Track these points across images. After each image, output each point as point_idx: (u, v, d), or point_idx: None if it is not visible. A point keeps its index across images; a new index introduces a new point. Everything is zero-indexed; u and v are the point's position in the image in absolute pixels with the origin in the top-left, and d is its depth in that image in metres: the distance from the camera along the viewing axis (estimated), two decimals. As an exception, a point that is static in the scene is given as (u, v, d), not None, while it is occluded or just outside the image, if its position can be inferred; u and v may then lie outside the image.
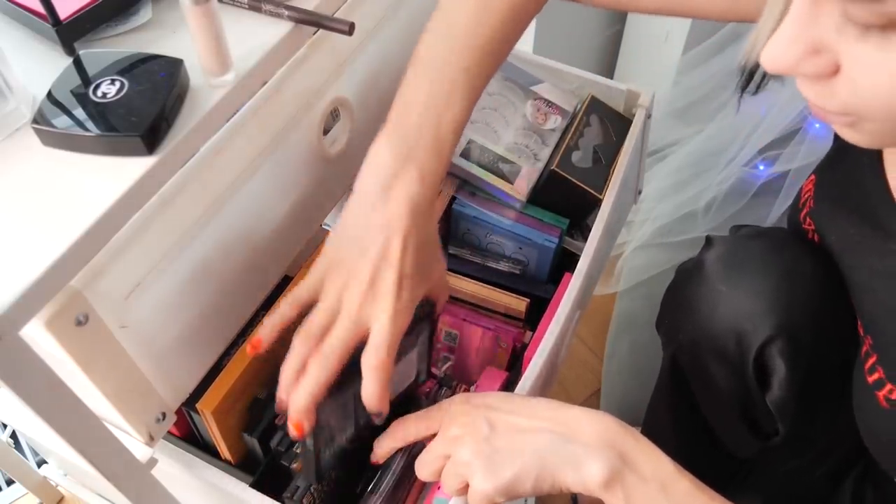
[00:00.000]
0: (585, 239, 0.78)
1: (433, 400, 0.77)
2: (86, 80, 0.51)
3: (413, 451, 0.72)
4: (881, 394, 0.61)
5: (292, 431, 0.55)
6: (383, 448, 0.62)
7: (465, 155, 0.86)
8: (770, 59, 0.40)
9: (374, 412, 0.55)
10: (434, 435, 0.59)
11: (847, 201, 0.66)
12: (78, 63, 0.52)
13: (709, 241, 0.75)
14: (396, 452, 0.67)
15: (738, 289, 0.68)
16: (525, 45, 1.34)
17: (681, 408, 0.83)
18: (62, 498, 1.10)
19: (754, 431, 0.76)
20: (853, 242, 0.65)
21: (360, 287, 0.54)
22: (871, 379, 0.62)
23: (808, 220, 0.72)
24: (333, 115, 0.71)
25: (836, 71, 0.39)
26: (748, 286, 0.68)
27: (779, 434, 0.73)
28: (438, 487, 0.70)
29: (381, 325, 0.54)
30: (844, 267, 0.67)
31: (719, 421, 0.80)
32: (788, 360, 0.66)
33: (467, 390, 0.78)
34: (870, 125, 0.42)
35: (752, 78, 0.62)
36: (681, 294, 0.76)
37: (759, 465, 0.89)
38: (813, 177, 0.72)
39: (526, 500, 1.05)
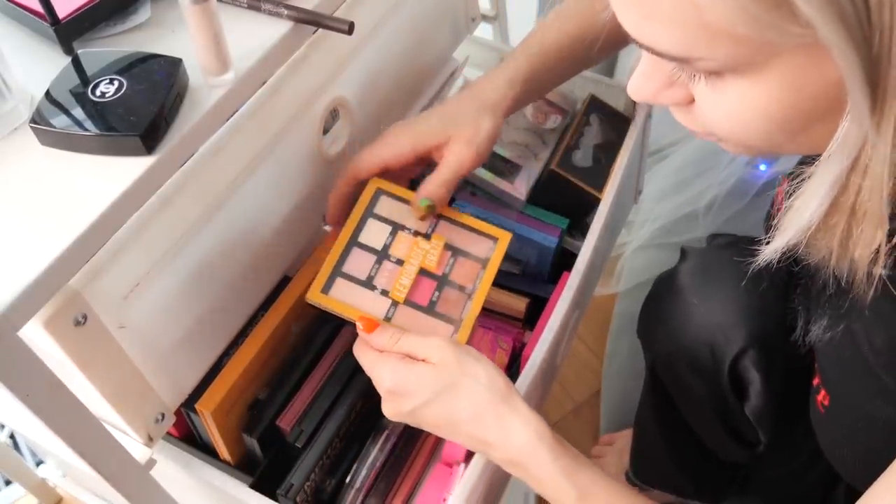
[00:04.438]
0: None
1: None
2: (84, 80, 0.51)
3: (397, 446, 0.73)
4: (819, 398, 0.61)
5: None
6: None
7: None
8: (632, 91, 0.44)
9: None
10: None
11: None
12: (76, 62, 0.52)
13: (683, 252, 0.75)
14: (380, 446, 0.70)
15: (710, 301, 0.69)
16: (525, 44, 1.34)
17: (666, 416, 0.83)
18: (60, 499, 1.10)
19: (737, 440, 0.76)
20: None
21: None
22: (814, 382, 0.63)
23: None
24: (333, 115, 0.71)
25: (692, 100, 0.42)
26: (720, 298, 0.68)
27: (761, 442, 0.73)
28: (433, 483, 0.70)
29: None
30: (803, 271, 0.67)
31: (702, 430, 0.80)
32: (763, 370, 0.67)
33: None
34: (732, 146, 0.45)
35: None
36: (656, 306, 0.76)
37: (753, 471, 0.89)
38: (784, 182, 0.72)
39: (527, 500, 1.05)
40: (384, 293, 0.63)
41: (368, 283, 0.63)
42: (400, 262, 0.64)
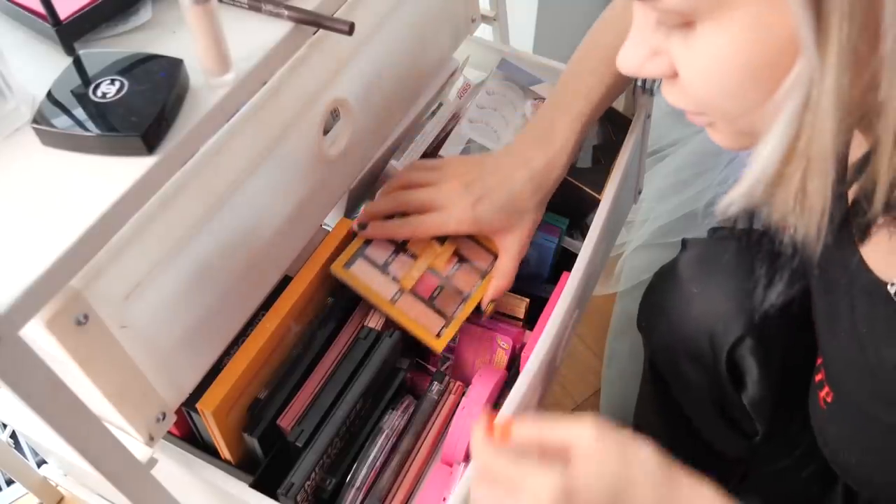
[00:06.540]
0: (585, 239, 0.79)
1: (429, 395, 0.77)
2: (86, 80, 0.51)
3: (397, 446, 0.73)
4: (821, 394, 0.61)
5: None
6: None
7: (465, 154, 0.86)
8: (620, 62, 0.44)
9: None
10: None
11: None
12: (78, 63, 0.52)
13: (684, 243, 0.76)
14: (380, 446, 0.71)
15: (710, 290, 0.69)
16: (525, 44, 1.34)
17: (665, 409, 0.83)
18: (62, 498, 1.10)
19: (736, 431, 0.76)
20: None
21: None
22: (816, 378, 0.63)
23: None
24: (333, 116, 0.71)
25: (676, 72, 0.41)
26: (719, 287, 0.69)
27: (759, 433, 0.73)
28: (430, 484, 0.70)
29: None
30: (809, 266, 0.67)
31: (701, 421, 0.80)
32: (760, 359, 0.67)
33: (464, 390, 0.78)
34: (720, 123, 0.44)
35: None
36: (655, 297, 0.77)
37: (751, 468, 0.89)
38: None
39: None
40: (395, 279, 0.74)
41: (384, 269, 0.74)
42: (414, 257, 0.75)
